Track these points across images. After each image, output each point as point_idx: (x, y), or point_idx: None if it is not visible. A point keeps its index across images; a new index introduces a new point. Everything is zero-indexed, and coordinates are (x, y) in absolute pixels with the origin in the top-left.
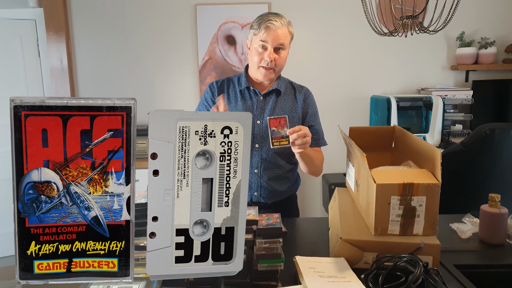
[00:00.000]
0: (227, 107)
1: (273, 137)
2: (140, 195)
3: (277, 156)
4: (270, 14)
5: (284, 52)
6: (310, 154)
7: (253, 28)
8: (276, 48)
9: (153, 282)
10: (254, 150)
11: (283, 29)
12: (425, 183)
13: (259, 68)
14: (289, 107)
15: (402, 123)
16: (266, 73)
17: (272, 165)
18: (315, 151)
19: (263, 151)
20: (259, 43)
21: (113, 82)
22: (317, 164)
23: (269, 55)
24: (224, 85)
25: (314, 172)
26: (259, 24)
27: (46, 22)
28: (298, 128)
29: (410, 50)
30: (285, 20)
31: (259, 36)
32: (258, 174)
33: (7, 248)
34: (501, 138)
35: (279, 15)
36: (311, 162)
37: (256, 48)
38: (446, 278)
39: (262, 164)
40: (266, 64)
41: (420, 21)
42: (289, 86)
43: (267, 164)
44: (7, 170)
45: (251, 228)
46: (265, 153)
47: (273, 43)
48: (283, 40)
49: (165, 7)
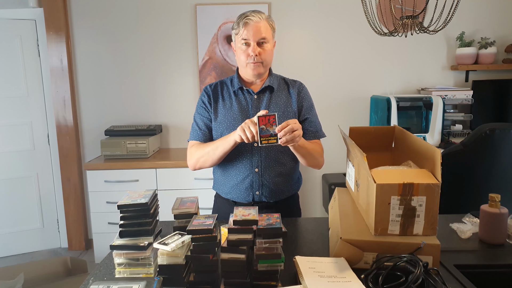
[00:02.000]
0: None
1: (261, 135)
2: (140, 195)
3: (278, 153)
4: (248, 11)
5: (268, 45)
6: (306, 146)
7: (234, 29)
8: (259, 43)
9: (153, 282)
10: (254, 149)
11: (262, 22)
12: (425, 183)
13: (247, 66)
14: (283, 103)
15: (402, 123)
16: (255, 67)
17: (273, 163)
18: (312, 143)
19: (263, 149)
20: (241, 42)
21: (113, 82)
22: (315, 156)
23: (253, 50)
24: (218, 87)
25: (314, 165)
26: (238, 23)
27: (46, 22)
28: (285, 124)
29: (410, 50)
30: (263, 15)
31: (240, 34)
32: (259, 173)
33: (7, 248)
34: (501, 138)
35: (257, 11)
36: (308, 154)
37: (240, 47)
38: (446, 278)
39: (263, 163)
40: (253, 60)
41: (420, 21)
42: (282, 82)
43: (268, 162)
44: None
45: (251, 228)
46: (264, 152)
47: (254, 38)
48: (264, 33)
49: (165, 7)
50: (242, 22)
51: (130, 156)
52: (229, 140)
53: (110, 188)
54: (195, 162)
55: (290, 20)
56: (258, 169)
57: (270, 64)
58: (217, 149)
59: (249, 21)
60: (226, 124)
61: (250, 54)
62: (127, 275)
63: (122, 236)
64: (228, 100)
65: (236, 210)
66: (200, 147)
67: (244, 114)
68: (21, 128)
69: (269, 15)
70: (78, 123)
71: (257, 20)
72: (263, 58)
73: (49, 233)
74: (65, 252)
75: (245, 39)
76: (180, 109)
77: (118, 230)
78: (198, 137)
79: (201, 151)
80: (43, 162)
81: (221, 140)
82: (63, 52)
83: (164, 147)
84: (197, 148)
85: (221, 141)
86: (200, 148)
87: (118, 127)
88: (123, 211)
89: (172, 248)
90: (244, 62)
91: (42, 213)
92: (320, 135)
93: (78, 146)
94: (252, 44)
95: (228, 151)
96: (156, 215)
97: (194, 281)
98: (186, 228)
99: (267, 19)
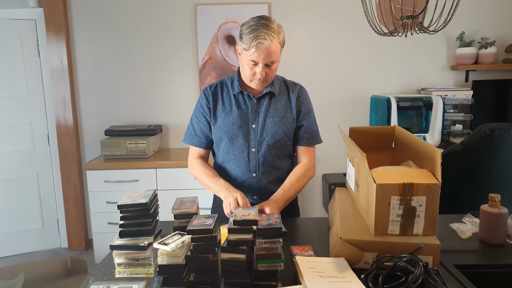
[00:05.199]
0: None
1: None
2: (140, 195)
3: (276, 158)
4: (260, 27)
5: (276, 64)
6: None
7: (243, 42)
8: (267, 64)
9: (153, 282)
10: (251, 155)
11: (274, 44)
12: (425, 183)
13: (251, 81)
14: (283, 108)
15: (402, 123)
16: (258, 85)
17: (270, 168)
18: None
19: (260, 155)
20: (249, 62)
21: (113, 82)
22: (303, 185)
23: (260, 73)
24: (218, 89)
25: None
26: (248, 40)
27: (46, 22)
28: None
29: (410, 50)
30: (274, 31)
31: (249, 53)
32: (256, 178)
33: (7, 248)
34: (501, 138)
35: (269, 27)
36: (296, 194)
37: (246, 62)
38: (446, 278)
39: (260, 168)
40: (258, 79)
41: (420, 21)
42: (283, 86)
43: (266, 167)
44: (7, 170)
45: (251, 228)
46: (262, 157)
47: (264, 61)
48: (273, 57)
49: (165, 7)
50: (254, 43)
51: (130, 156)
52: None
53: (110, 188)
54: (193, 175)
55: (290, 20)
56: (256, 174)
57: (274, 77)
58: (209, 187)
59: (261, 45)
60: (225, 128)
61: (256, 74)
62: (127, 275)
63: (122, 236)
64: (228, 103)
65: (236, 210)
66: (198, 170)
67: (243, 119)
68: (21, 128)
69: (278, 24)
70: (78, 123)
71: (270, 43)
72: (268, 78)
73: (49, 233)
74: (65, 252)
75: (254, 61)
76: (180, 109)
77: (118, 230)
78: (193, 142)
79: (199, 176)
80: (43, 162)
81: (214, 185)
82: (63, 52)
83: (164, 147)
84: (199, 169)
85: (213, 186)
86: (202, 173)
87: (118, 127)
88: (123, 211)
89: (172, 248)
90: (249, 78)
91: (42, 213)
92: (315, 141)
93: (78, 146)
94: (260, 65)
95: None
96: (156, 215)
97: (194, 281)
98: (186, 228)
99: (278, 35)
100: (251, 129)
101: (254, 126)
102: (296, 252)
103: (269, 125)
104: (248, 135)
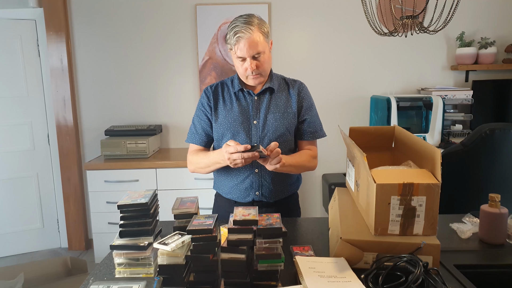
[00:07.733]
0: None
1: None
2: (140, 195)
3: None
4: (238, 21)
5: (264, 55)
6: (292, 164)
7: (228, 43)
8: (254, 57)
9: (153, 282)
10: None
11: (254, 34)
12: (425, 183)
13: (247, 78)
14: (283, 104)
15: (402, 123)
16: (254, 79)
17: None
18: (299, 154)
19: None
20: (238, 60)
21: (113, 82)
22: (304, 166)
23: (250, 66)
24: (219, 88)
25: (306, 171)
26: (230, 37)
27: (46, 22)
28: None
29: (410, 50)
30: (253, 24)
31: (234, 50)
32: (258, 174)
33: (7, 248)
34: (501, 138)
35: (248, 21)
36: (295, 169)
37: (236, 60)
38: (446, 278)
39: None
40: (251, 73)
41: (420, 21)
42: (282, 83)
43: None
44: (8, 170)
45: (251, 228)
46: None
47: (249, 54)
48: (256, 48)
49: (165, 7)
50: (233, 39)
51: (130, 156)
52: (219, 162)
53: (110, 188)
54: (193, 168)
55: (290, 20)
56: (258, 169)
57: (269, 69)
58: (209, 165)
59: (241, 38)
60: (227, 125)
61: (247, 69)
62: (127, 275)
63: (122, 236)
64: (229, 101)
65: (236, 210)
66: (197, 157)
67: (244, 116)
68: (21, 128)
69: (259, 18)
70: (78, 123)
71: (249, 34)
72: (260, 70)
73: (49, 233)
74: (65, 252)
75: (240, 56)
76: (180, 109)
77: (118, 230)
78: (195, 140)
79: (197, 161)
80: (43, 162)
81: (210, 159)
82: (63, 52)
83: (164, 147)
84: (194, 156)
85: (211, 160)
86: (197, 157)
87: (118, 127)
88: (123, 211)
89: (172, 248)
90: (243, 75)
91: (42, 213)
92: (319, 135)
93: (78, 146)
94: (247, 60)
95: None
96: (156, 215)
97: (194, 281)
98: (186, 228)
99: (258, 26)
100: (252, 125)
101: (256, 122)
102: (296, 252)
103: (270, 120)
104: (249, 131)
